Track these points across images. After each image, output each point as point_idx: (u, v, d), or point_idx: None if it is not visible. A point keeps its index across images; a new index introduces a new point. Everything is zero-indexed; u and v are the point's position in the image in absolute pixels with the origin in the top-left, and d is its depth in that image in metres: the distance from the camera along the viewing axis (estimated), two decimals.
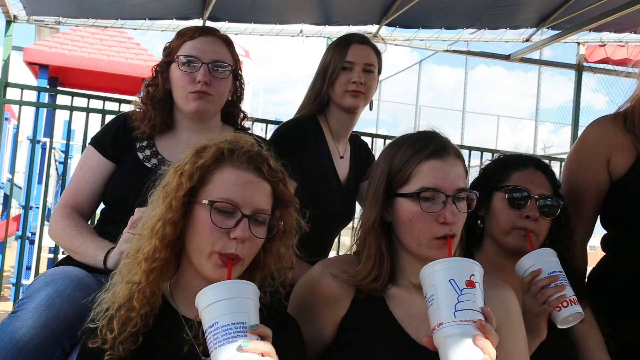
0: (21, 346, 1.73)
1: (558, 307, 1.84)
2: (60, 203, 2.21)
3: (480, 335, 1.43)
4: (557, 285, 1.85)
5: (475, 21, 5.68)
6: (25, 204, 5.28)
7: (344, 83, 2.54)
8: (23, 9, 5.28)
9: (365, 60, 2.58)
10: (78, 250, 2.07)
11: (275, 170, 1.60)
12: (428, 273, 1.52)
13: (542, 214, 1.99)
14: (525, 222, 1.97)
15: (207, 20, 5.26)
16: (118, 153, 2.22)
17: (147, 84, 2.31)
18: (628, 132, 2.16)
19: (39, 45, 9.13)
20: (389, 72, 17.32)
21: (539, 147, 14.58)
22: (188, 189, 1.54)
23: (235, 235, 1.50)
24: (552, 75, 14.01)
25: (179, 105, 2.25)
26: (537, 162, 2.11)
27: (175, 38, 2.28)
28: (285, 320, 1.67)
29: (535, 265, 1.88)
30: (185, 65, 2.19)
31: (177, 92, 2.23)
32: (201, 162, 1.55)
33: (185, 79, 2.19)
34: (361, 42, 2.61)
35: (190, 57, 2.20)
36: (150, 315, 1.54)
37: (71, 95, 5.11)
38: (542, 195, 2.00)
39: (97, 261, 2.00)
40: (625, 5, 4.72)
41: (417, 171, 1.66)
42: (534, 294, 1.86)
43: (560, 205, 2.02)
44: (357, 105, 2.58)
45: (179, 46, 2.24)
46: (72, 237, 2.09)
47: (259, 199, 1.56)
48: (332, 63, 2.59)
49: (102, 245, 2.03)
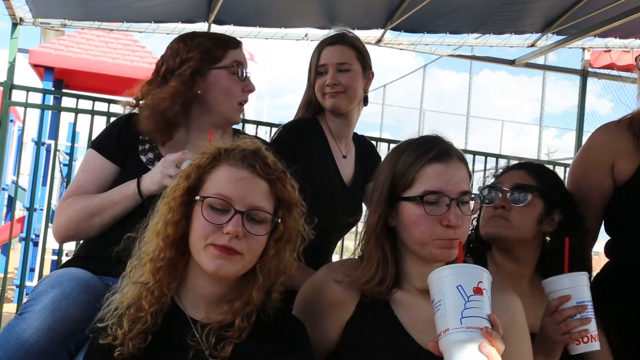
0: (27, 348, 1.74)
1: (578, 341, 1.83)
2: (65, 197, 2.17)
3: (486, 342, 1.43)
4: (582, 317, 1.83)
5: (480, 26, 5.68)
6: (30, 206, 5.29)
7: (320, 87, 2.55)
8: (29, 11, 5.28)
9: (336, 60, 2.54)
10: (103, 202, 2.04)
11: (272, 168, 1.61)
12: (436, 278, 1.52)
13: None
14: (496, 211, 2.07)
15: (212, 23, 5.27)
16: (122, 156, 2.20)
17: (182, 80, 2.19)
18: (632, 139, 2.17)
19: (44, 47, 9.16)
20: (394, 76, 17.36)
21: (543, 152, 14.57)
22: (185, 188, 1.57)
23: (227, 230, 1.51)
24: (556, 80, 13.98)
25: (220, 112, 2.25)
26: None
27: (212, 44, 2.26)
28: (293, 324, 1.67)
29: (565, 291, 1.85)
30: (240, 74, 2.25)
31: (224, 99, 2.24)
32: (198, 162, 1.59)
33: (238, 87, 2.25)
34: (333, 43, 2.58)
35: (242, 65, 2.27)
36: (160, 314, 1.55)
37: (76, 98, 5.13)
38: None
39: (131, 191, 2.01)
40: (631, 11, 4.72)
41: (420, 175, 1.66)
42: (558, 321, 1.84)
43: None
44: (338, 105, 2.54)
45: (226, 54, 2.25)
46: (92, 200, 2.06)
47: (254, 196, 1.56)
48: (310, 68, 2.60)
49: (126, 184, 2.04)
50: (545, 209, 2.07)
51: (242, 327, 1.57)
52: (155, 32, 5.78)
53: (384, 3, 5.23)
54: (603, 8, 5.00)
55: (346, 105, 2.56)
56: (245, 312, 1.58)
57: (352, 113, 2.62)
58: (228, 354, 1.54)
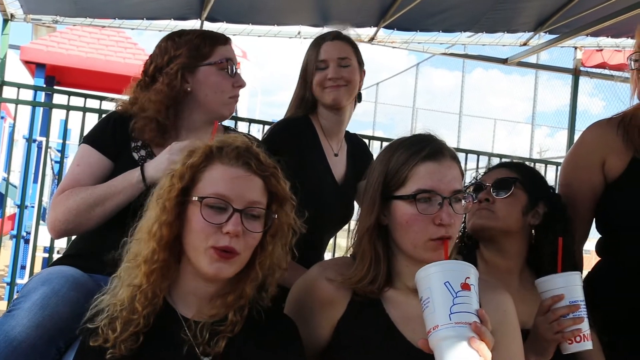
0: (16, 345, 1.73)
1: (570, 340, 1.83)
2: (59, 190, 2.12)
3: (475, 337, 1.43)
4: (575, 317, 1.83)
5: (473, 25, 5.70)
6: (21, 203, 5.28)
7: (321, 81, 2.55)
8: (20, 7, 5.26)
9: (338, 55, 2.57)
10: (106, 192, 2.02)
11: (266, 164, 1.61)
12: (423, 276, 1.52)
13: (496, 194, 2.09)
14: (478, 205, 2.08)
15: (205, 20, 5.25)
16: (116, 151, 2.17)
17: (163, 83, 2.20)
18: (623, 136, 2.18)
19: (35, 44, 9.12)
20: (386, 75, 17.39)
21: (535, 150, 14.62)
22: (180, 189, 1.55)
23: (227, 229, 1.51)
24: (548, 79, 14.04)
25: (210, 109, 2.24)
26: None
27: (200, 41, 2.25)
28: (284, 322, 1.67)
29: (558, 290, 1.85)
30: (229, 70, 2.24)
31: (214, 96, 2.23)
32: (191, 162, 1.57)
33: (227, 83, 2.25)
34: (333, 39, 2.61)
35: (231, 61, 2.26)
36: (152, 315, 1.54)
37: (68, 95, 5.11)
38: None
39: (135, 178, 2.00)
40: (623, 11, 4.74)
41: (413, 173, 1.66)
42: (551, 320, 1.84)
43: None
44: (339, 98, 2.55)
45: (214, 50, 2.24)
46: (93, 191, 2.03)
47: (251, 193, 1.56)
48: (308, 65, 2.61)
49: (129, 172, 2.03)
50: (529, 201, 2.09)
51: (234, 320, 1.57)
52: (148, 29, 5.76)
53: (377, 1, 5.24)
54: (595, 7, 5.03)
55: (346, 98, 2.58)
56: (237, 306, 1.58)
57: (345, 110, 2.64)
58: (221, 349, 1.54)
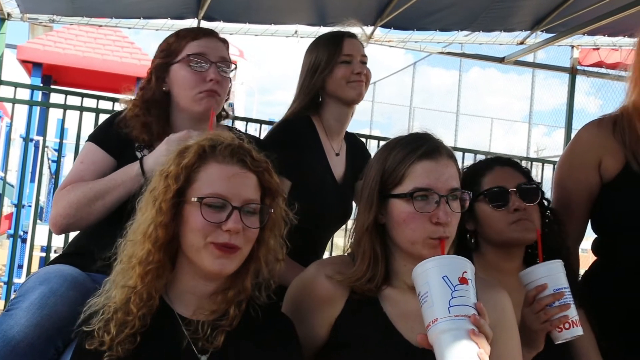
0: (14, 345, 1.73)
1: (559, 328, 1.82)
2: (62, 186, 2.12)
3: (474, 329, 1.44)
4: (561, 304, 1.82)
5: (469, 24, 5.70)
6: (18, 202, 5.26)
7: (345, 75, 2.56)
8: (17, 6, 5.26)
9: (361, 52, 2.64)
10: (106, 186, 2.02)
11: (259, 160, 1.62)
12: (421, 271, 1.52)
13: (527, 201, 2.02)
14: (517, 214, 2.00)
15: (201, 20, 5.26)
16: (120, 150, 2.18)
17: (141, 86, 2.27)
18: (619, 136, 2.17)
19: (32, 43, 9.11)
20: (383, 74, 17.37)
21: (532, 149, 14.65)
22: (176, 190, 1.55)
23: (227, 227, 1.52)
24: (545, 78, 14.08)
25: (183, 106, 2.22)
26: (500, 160, 2.16)
27: (174, 40, 2.24)
28: (281, 320, 1.68)
29: (541, 280, 1.84)
30: (195, 65, 2.18)
31: (184, 93, 2.20)
32: (185, 162, 1.57)
33: (195, 78, 2.17)
34: (351, 37, 2.66)
35: (201, 55, 2.18)
36: (148, 315, 1.54)
37: (64, 94, 5.09)
38: (519, 185, 2.03)
39: (135, 172, 2.00)
40: (619, 9, 4.75)
41: (410, 172, 1.66)
42: (536, 310, 1.83)
43: (539, 187, 2.06)
44: (362, 93, 2.62)
45: (183, 47, 2.21)
46: (93, 185, 2.04)
47: (247, 190, 1.57)
48: (325, 58, 2.59)
49: (128, 166, 2.04)
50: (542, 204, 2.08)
51: (234, 315, 1.57)
52: (145, 28, 5.77)
53: (374, 0, 5.24)
54: (592, 6, 5.04)
55: (364, 95, 2.65)
56: (237, 300, 1.59)
57: (351, 110, 2.67)
58: (220, 344, 1.55)
